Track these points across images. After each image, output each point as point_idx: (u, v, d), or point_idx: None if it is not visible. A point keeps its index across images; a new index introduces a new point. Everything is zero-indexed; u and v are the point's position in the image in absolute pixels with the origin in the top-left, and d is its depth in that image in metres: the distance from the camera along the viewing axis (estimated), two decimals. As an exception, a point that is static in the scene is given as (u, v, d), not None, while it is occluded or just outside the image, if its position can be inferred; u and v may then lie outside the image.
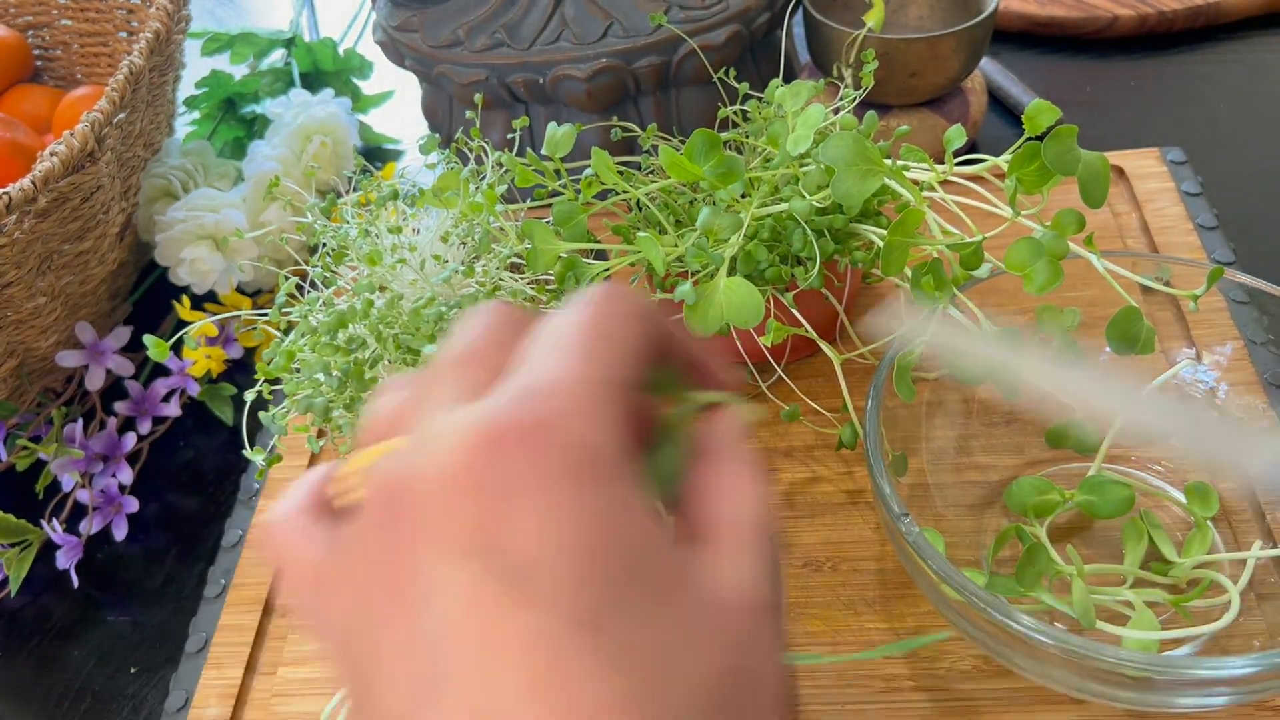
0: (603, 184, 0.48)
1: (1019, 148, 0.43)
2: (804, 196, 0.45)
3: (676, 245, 0.47)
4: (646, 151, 0.56)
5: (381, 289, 0.48)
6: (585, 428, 0.19)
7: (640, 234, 0.46)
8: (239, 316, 0.59)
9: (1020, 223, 0.44)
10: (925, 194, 0.45)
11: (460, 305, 0.45)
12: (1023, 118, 0.45)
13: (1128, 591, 0.44)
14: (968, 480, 0.50)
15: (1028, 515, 0.47)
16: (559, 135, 0.49)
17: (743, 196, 0.48)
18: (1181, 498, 0.47)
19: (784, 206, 0.46)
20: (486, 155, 0.52)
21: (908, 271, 0.45)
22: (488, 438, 0.19)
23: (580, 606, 0.18)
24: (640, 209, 0.53)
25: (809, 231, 0.47)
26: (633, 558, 0.19)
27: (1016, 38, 0.82)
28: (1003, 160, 0.45)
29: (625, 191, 0.48)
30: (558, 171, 0.50)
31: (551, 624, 0.18)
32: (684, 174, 0.44)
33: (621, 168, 0.49)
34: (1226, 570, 0.44)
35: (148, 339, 0.48)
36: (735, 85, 0.59)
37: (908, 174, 0.46)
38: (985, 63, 0.78)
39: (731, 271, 0.45)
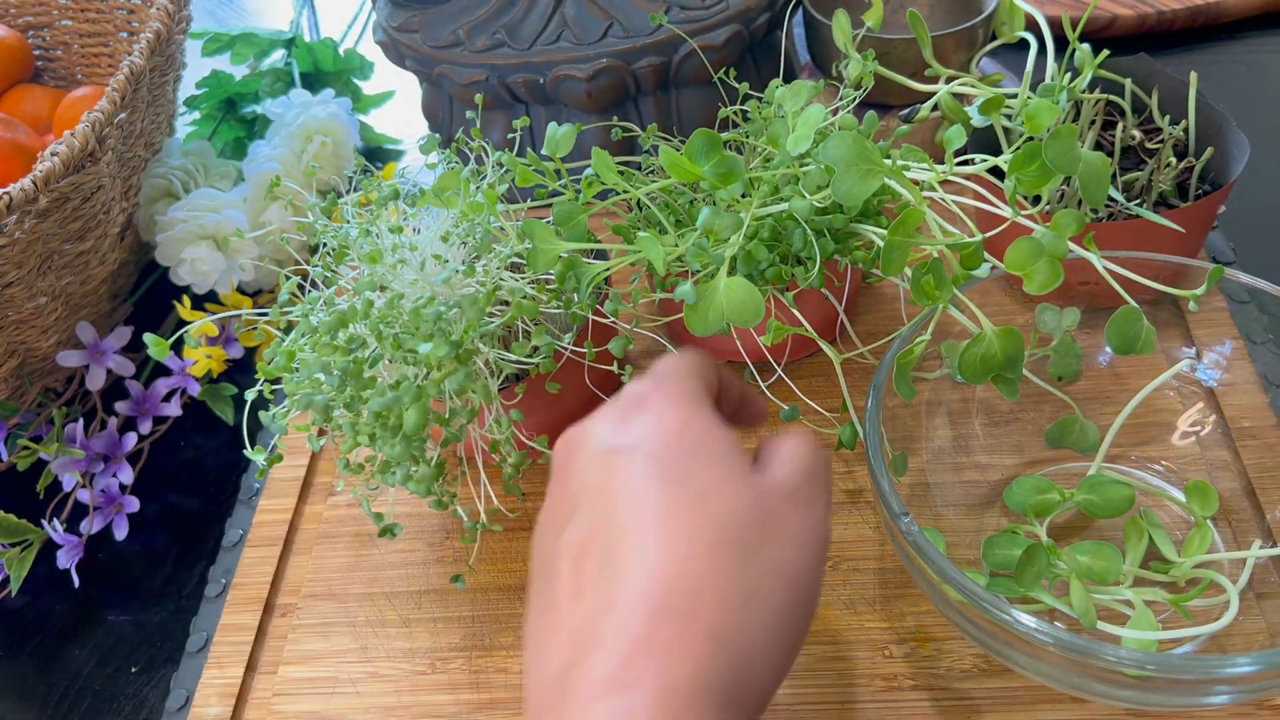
0: (603, 184, 0.48)
1: (1019, 148, 0.43)
2: (804, 196, 0.45)
3: (677, 245, 0.47)
4: (646, 151, 0.56)
5: (382, 288, 0.48)
6: (681, 384, 0.34)
7: (640, 234, 0.46)
8: (239, 316, 0.59)
9: (1020, 222, 0.44)
10: (925, 194, 0.45)
11: (460, 305, 0.45)
12: (1023, 118, 0.45)
13: (1128, 591, 0.44)
14: (968, 480, 0.50)
15: (1027, 515, 0.47)
16: (559, 135, 0.49)
17: (743, 196, 0.48)
18: (1181, 497, 0.47)
19: (784, 206, 0.46)
20: (487, 155, 0.52)
21: (908, 271, 0.45)
22: (631, 395, 0.34)
23: (663, 456, 0.31)
24: (640, 209, 0.53)
25: (809, 231, 0.47)
26: (701, 439, 0.32)
27: (1016, 38, 0.82)
28: (1003, 160, 0.45)
29: (625, 191, 0.48)
30: (558, 171, 0.50)
31: (644, 467, 0.31)
32: (684, 174, 0.44)
33: (621, 168, 0.49)
34: (1226, 570, 0.44)
35: (148, 339, 0.48)
36: (735, 85, 0.59)
37: (908, 174, 0.46)
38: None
39: (732, 271, 0.45)
